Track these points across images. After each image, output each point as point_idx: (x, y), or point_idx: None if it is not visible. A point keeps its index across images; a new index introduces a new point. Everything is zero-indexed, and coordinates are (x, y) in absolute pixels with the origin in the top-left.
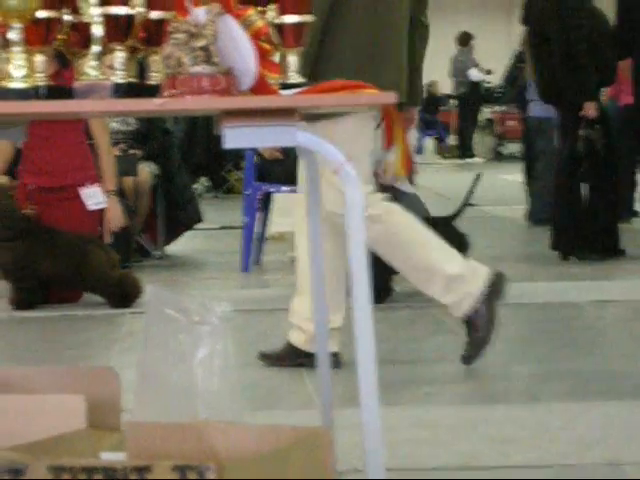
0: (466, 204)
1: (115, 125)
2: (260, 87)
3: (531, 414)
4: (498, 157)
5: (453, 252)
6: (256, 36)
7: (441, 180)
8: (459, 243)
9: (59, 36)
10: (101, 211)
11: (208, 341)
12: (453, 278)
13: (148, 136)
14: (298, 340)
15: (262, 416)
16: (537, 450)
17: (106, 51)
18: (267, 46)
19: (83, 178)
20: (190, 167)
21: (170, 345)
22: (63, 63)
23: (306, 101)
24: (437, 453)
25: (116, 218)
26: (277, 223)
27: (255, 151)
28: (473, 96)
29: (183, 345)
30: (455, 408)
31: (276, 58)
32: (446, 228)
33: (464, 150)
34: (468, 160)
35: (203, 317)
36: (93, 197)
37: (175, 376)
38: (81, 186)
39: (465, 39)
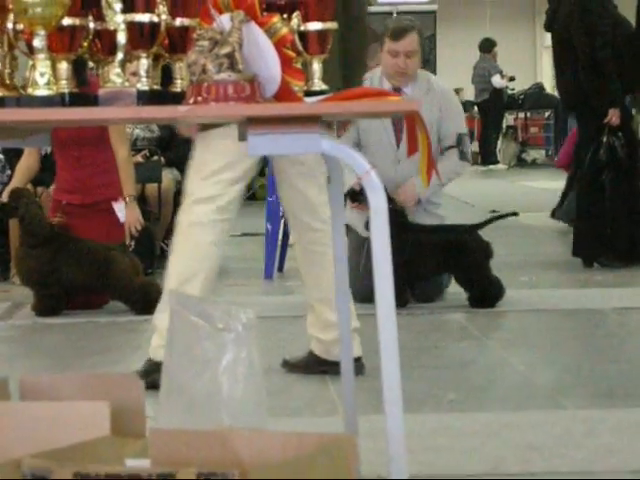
0: (493, 220)
1: (138, 132)
2: (284, 94)
3: (556, 421)
4: (521, 164)
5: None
6: (280, 43)
7: (465, 187)
8: (484, 251)
9: (84, 43)
10: None
11: (232, 348)
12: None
13: (171, 143)
14: (318, 349)
15: (286, 423)
16: (562, 457)
17: (131, 58)
18: (291, 53)
19: (115, 193)
20: None
21: (194, 352)
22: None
23: (330, 108)
24: (461, 460)
25: (135, 221)
26: None
27: None
28: (496, 103)
29: (207, 352)
30: (479, 415)
31: (300, 65)
32: (471, 237)
33: (487, 157)
34: (491, 167)
35: (227, 324)
36: (121, 211)
37: (199, 383)
38: (114, 200)
39: (488, 46)
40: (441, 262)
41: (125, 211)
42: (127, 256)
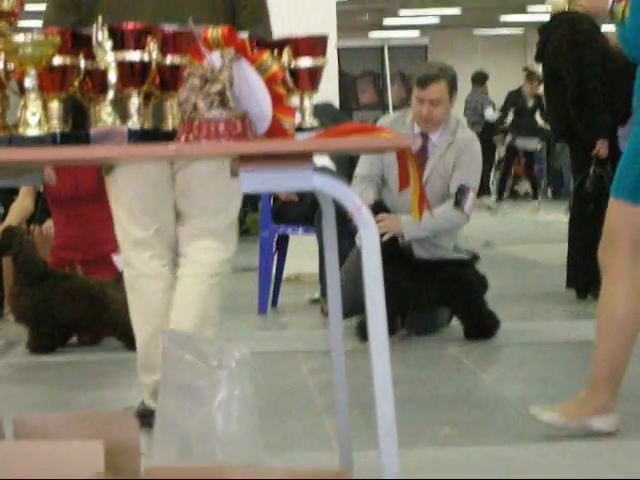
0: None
1: None
2: (276, 131)
3: (550, 454)
4: (514, 196)
5: None
6: (271, 81)
7: None
8: (480, 284)
9: (75, 82)
10: None
11: (226, 385)
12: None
13: None
14: None
15: (281, 459)
16: None
17: (122, 97)
18: (282, 90)
19: (115, 246)
20: None
21: (189, 390)
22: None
23: (322, 145)
24: None
25: None
26: (293, 265)
27: (271, 193)
28: (488, 135)
29: (202, 390)
30: (474, 449)
31: (291, 102)
32: (469, 270)
33: (480, 188)
34: (484, 199)
35: (221, 361)
36: None
37: (193, 420)
38: (114, 252)
39: (480, 78)
40: (438, 295)
41: None
42: (121, 293)
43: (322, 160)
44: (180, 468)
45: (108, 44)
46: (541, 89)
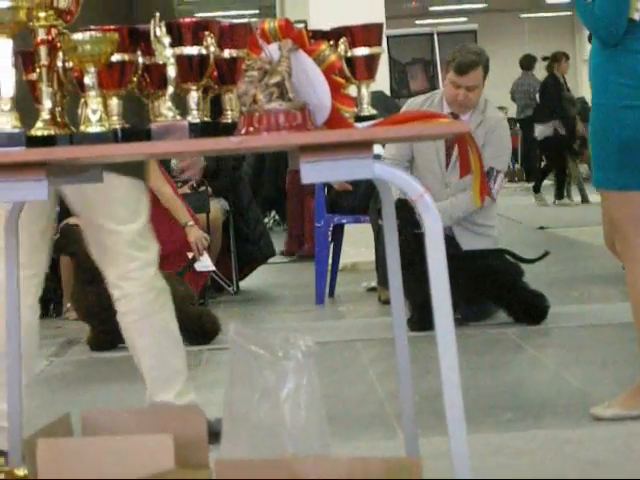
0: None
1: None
2: (335, 121)
3: (615, 435)
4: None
5: None
6: (329, 70)
7: (511, 205)
8: (510, 272)
9: (133, 78)
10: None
11: (293, 376)
12: None
13: (217, 172)
14: None
15: (347, 448)
16: (623, 472)
17: (181, 91)
18: (340, 80)
19: (183, 242)
20: (260, 201)
21: (255, 382)
22: None
23: (383, 133)
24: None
25: (200, 237)
26: (349, 254)
27: (325, 183)
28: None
29: (268, 381)
30: (538, 432)
31: (350, 91)
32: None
33: (530, 173)
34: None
35: (287, 352)
36: (200, 261)
37: (262, 413)
38: (189, 250)
39: (528, 62)
40: (474, 289)
41: (188, 234)
42: (182, 285)
43: (375, 148)
44: (250, 461)
45: (166, 39)
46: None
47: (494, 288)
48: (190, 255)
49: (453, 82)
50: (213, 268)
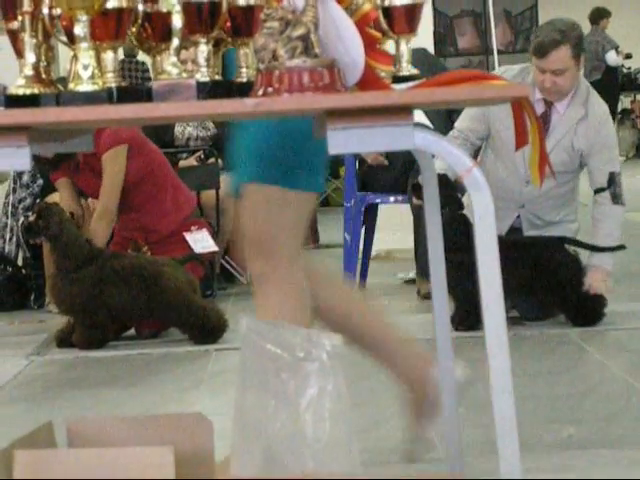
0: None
1: (191, 130)
2: (369, 81)
3: None
4: None
5: None
6: (363, 22)
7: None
8: (569, 266)
9: (132, 29)
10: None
11: (316, 380)
12: None
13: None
14: None
15: (377, 467)
16: None
17: (187, 45)
18: (376, 33)
19: (182, 220)
20: None
21: (272, 386)
22: None
23: (425, 96)
24: None
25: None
26: (384, 239)
27: (357, 156)
28: (610, 83)
29: (287, 386)
30: (604, 452)
31: (387, 47)
32: (557, 251)
33: None
34: None
35: (309, 353)
36: (201, 241)
37: (278, 422)
38: (186, 231)
39: (598, 16)
40: (525, 280)
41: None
42: (181, 272)
43: (416, 116)
44: (264, 479)
45: None
46: None
47: (546, 281)
48: (188, 237)
49: (537, 66)
50: (215, 248)
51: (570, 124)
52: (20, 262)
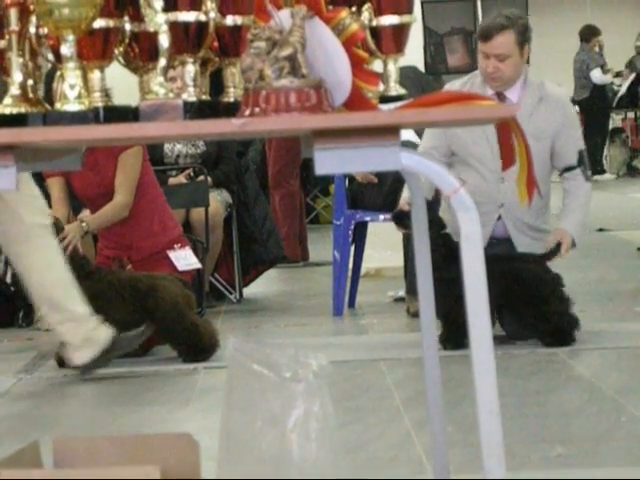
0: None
1: (180, 148)
2: (356, 102)
3: None
4: (631, 173)
5: None
6: (350, 42)
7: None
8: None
9: (119, 48)
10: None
11: (302, 401)
12: None
13: (218, 160)
14: None
15: None
16: None
17: (174, 64)
18: (363, 53)
19: (168, 242)
20: (268, 194)
21: (258, 406)
22: None
23: (412, 117)
24: None
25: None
26: (373, 257)
27: (347, 174)
28: (599, 101)
29: (273, 406)
30: (593, 472)
31: (374, 67)
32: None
33: (592, 165)
34: (597, 177)
35: (296, 372)
36: (184, 259)
37: (265, 443)
38: (169, 249)
39: (588, 34)
40: (501, 296)
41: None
42: (178, 287)
43: (406, 134)
44: None
45: (158, 3)
46: None
47: (520, 298)
48: (171, 255)
49: (481, 52)
50: (198, 265)
51: (528, 110)
52: (9, 279)
